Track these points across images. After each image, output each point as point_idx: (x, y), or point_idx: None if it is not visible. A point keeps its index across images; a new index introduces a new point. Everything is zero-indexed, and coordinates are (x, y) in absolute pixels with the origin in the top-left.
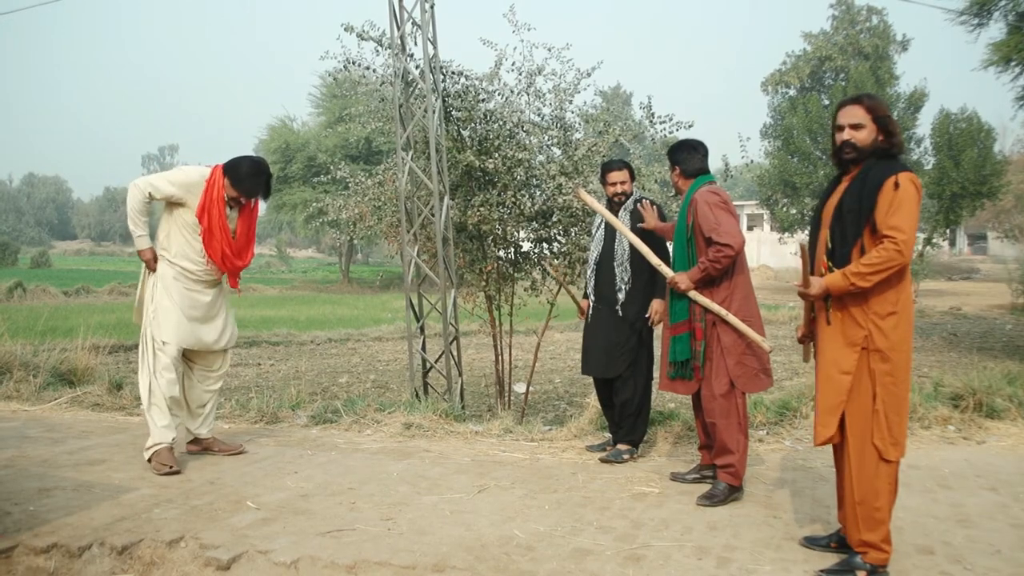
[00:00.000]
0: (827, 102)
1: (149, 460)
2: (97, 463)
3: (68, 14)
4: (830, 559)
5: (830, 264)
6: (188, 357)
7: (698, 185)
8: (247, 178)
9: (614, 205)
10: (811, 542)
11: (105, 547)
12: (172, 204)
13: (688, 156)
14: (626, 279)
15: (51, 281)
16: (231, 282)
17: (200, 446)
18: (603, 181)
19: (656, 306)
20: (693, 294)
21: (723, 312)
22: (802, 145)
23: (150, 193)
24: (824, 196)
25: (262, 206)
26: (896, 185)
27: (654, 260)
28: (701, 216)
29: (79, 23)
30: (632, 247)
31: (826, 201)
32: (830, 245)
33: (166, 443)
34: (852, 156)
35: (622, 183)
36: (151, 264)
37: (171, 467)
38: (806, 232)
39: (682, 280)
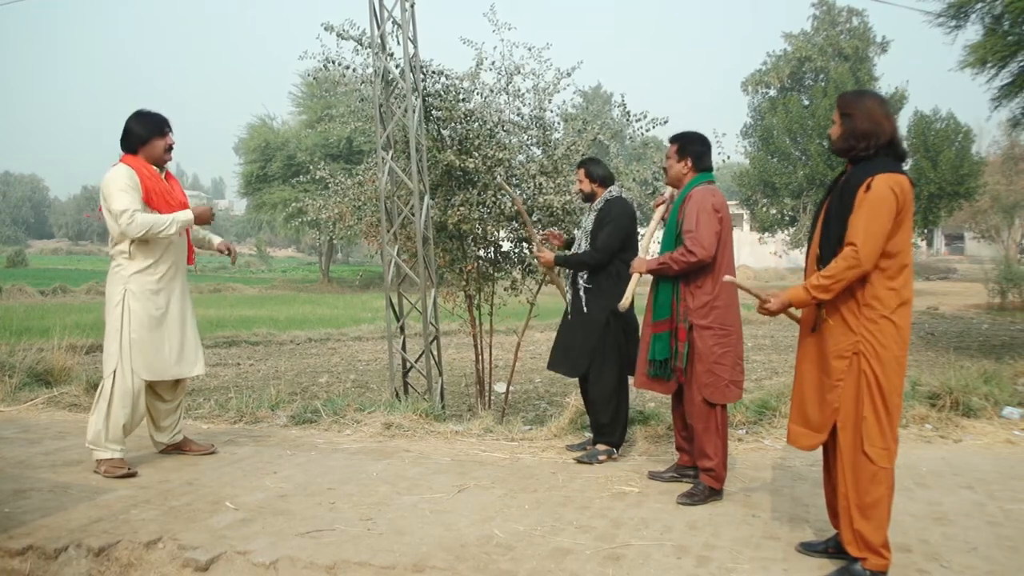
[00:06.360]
0: (807, 102)
1: (97, 463)
2: (74, 464)
3: (42, 9)
4: (827, 566)
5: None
6: (151, 387)
7: (699, 182)
8: (142, 125)
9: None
10: (808, 548)
11: (82, 549)
12: None
13: (703, 151)
14: (585, 277)
15: (27, 280)
16: (188, 258)
17: (173, 446)
18: None
19: (636, 264)
20: (634, 280)
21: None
22: (782, 145)
23: (137, 210)
24: (822, 199)
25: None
26: (867, 188)
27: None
28: (687, 213)
29: (55, 18)
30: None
31: (823, 204)
32: (819, 251)
33: (117, 456)
34: (833, 150)
35: (579, 182)
36: (207, 216)
37: (127, 470)
38: (787, 232)
39: (639, 264)
